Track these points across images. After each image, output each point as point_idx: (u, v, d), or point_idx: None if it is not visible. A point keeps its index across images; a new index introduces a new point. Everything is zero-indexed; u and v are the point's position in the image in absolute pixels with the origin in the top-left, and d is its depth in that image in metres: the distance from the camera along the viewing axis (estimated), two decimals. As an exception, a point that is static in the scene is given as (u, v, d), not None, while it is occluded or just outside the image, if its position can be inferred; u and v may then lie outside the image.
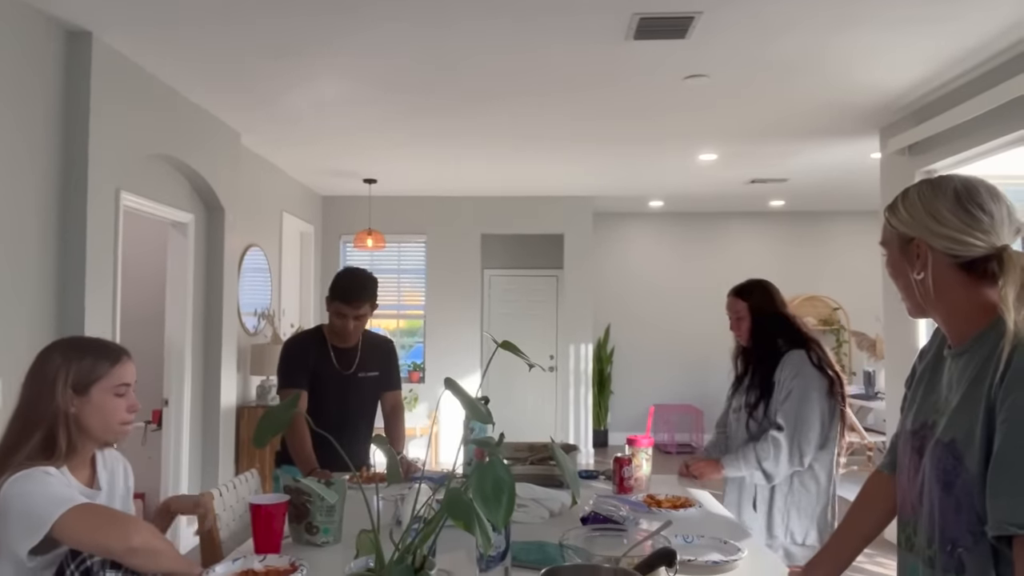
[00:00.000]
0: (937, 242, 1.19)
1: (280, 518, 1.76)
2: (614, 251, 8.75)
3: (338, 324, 2.75)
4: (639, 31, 3.37)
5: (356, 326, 2.76)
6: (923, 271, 1.21)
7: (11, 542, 1.39)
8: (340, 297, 2.71)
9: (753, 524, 2.43)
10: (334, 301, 2.73)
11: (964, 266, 1.18)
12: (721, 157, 5.92)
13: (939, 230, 1.18)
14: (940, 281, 1.20)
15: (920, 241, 1.21)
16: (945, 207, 1.19)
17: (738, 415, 2.58)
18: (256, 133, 5.24)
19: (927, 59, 3.77)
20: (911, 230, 1.23)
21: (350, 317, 2.72)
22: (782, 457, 2.36)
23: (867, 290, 7.03)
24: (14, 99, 3.04)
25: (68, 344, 1.62)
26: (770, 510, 2.45)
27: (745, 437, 2.50)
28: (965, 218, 1.17)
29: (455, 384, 1.25)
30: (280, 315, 6.37)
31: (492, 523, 1.11)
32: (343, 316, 2.72)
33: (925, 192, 1.23)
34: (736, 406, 2.62)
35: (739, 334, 2.65)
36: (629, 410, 8.54)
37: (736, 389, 2.67)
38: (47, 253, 3.27)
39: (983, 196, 1.18)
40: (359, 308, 2.72)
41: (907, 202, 1.25)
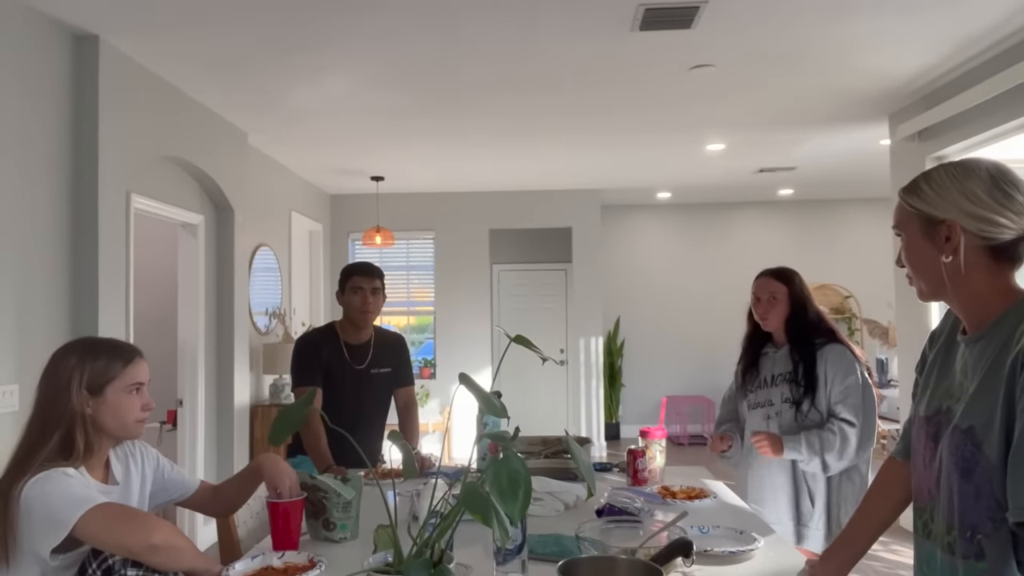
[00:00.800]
0: (971, 223, 1.16)
1: (297, 515, 1.78)
2: (622, 243, 8.74)
3: (356, 300, 2.81)
4: (644, 22, 3.36)
5: (373, 303, 2.83)
6: (953, 254, 1.18)
7: (34, 543, 1.41)
8: (356, 271, 2.85)
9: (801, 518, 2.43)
10: (350, 277, 2.84)
11: (992, 249, 1.16)
12: (728, 147, 5.90)
13: (974, 211, 1.16)
14: (968, 264, 1.18)
15: (953, 223, 1.18)
16: (981, 188, 1.16)
17: (768, 409, 2.50)
18: (263, 133, 5.26)
19: (935, 44, 3.74)
20: (940, 211, 1.19)
21: (367, 290, 2.82)
22: (849, 451, 2.34)
23: (879, 277, 7.00)
24: (25, 104, 3.07)
25: (81, 345, 1.64)
26: (828, 503, 2.43)
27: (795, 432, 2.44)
28: (1001, 198, 1.15)
29: (470, 379, 1.26)
30: (291, 314, 6.40)
31: (509, 516, 1.11)
32: (360, 289, 2.81)
33: (957, 173, 1.20)
34: (762, 400, 2.53)
35: (764, 317, 2.54)
36: (640, 402, 8.54)
37: (751, 381, 2.59)
38: (60, 257, 3.29)
39: (1016, 177, 1.16)
40: (374, 280, 2.84)
41: (934, 183, 1.22)
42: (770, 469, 2.49)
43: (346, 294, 2.84)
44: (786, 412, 2.46)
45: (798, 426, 2.42)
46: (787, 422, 2.45)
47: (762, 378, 2.57)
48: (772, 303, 2.53)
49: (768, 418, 2.50)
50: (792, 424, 2.44)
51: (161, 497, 1.81)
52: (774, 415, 2.49)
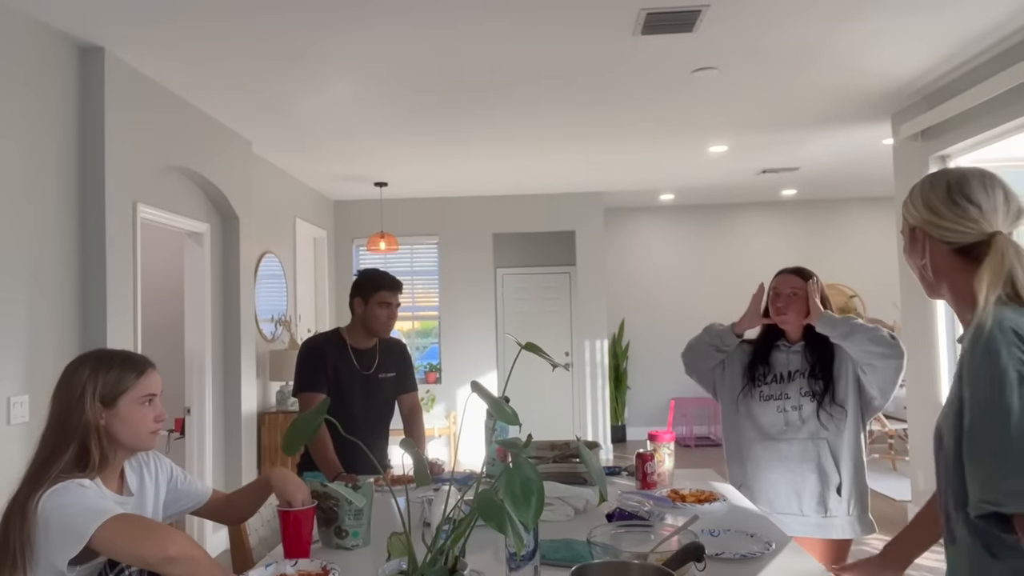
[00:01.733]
0: (932, 230, 1.31)
1: (309, 523, 1.78)
2: (626, 246, 8.75)
3: (383, 315, 2.82)
4: (646, 26, 3.37)
5: (396, 317, 2.87)
6: (924, 257, 1.34)
7: (51, 554, 1.42)
8: (387, 286, 2.83)
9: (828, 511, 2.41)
10: (378, 292, 2.81)
11: (960, 252, 1.29)
12: (731, 148, 5.90)
13: (933, 220, 1.31)
14: (939, 266, 1.32)
15: (919, 230, 1.34)
16: (937, 199, 1.31)
17: (783, 403, 2.47)
18: (267, 141, 5.28)
19: (937, 43, 3.74)
20: (913, 220, 1.36)
21: (394, 305, 2.84)
22: (883, 336, 2.32)
23: (883, 277, 7.00)
24: (32, 115, 3.09)
25: (94, 358, 1.64)
26: (853, 486, 2.42)
27: (816, 426, 2.43)
28: (954, 209, 1.29)
29: (482, 387, 1.26)
30: (296, 320, 6.41)
31: (523, 523, 1.12)
32: (388, 305, 2.82)
33: (925, 185, 1.35)
34: (776, 394, 2.49)
35: (784, 312, 2.47)
36: (646, 404, 8.54)
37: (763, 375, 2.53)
38: (68, 267, 3.31)
39: (972, 186, 1.28)
40: (399, 294, 2.86)
41: (912, 195, 1.37)
42: (791, 471, 2.45)
43: (370, 306, 2.81)
44: (807, 405, 2.45)
45: (820, 420, 2.43)
46: (809, 415, 2.44)
47: (776, 373, 2.53)
48: (792, 300, 2.49)
49: (783, 411, 2.48)
50: (814, 416, 2.44)
51: (175, 507, 1.82)
52: (790, 408, 2.47)
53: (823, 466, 2.42)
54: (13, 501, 1.48)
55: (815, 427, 2.44)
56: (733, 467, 2.61)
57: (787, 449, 2.45)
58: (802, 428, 2.44)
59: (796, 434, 2.45)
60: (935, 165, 4.58)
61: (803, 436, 2.44)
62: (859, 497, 2.43)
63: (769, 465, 2.49)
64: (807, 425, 2.44)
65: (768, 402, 2.52)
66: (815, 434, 2.43)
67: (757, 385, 2.55)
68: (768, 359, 2.56)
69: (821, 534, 2.41)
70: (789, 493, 2.45)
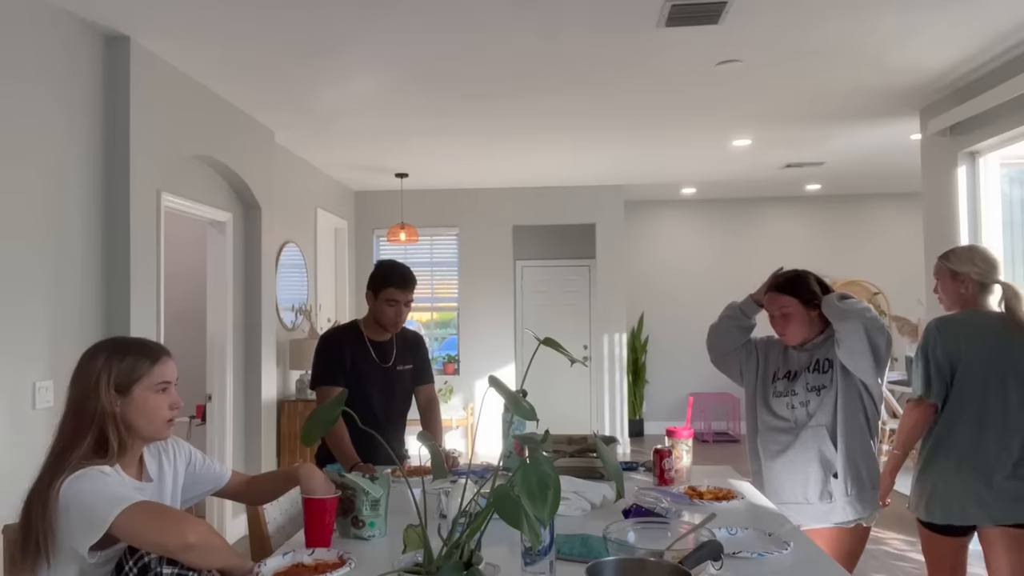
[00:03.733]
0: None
1: (332, 512, 1.79)
2: (646, 239, 8.70)
3: (390, 312, 2.79)
4: (671, 18, 3.34)
5: (405, 313, 2.83)
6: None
7: (72, 540, 1.44)
8: (395, 284, 2.78)
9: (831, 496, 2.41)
10: (386, 288, 2.78)
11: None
12: (755, 142, 5.84)
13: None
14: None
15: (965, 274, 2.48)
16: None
17: (792, 399, 2.50)
18: (289, 131, 5.31)
19: (968, 37, 3.67)
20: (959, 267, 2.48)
21: (402, 303, 2.79)
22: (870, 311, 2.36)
23: (908, 273, 6.90)
24: (57, 105, 3.12)
25: (109, 345, 1.65)
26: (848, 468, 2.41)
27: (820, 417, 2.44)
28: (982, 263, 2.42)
29: (499, 382, 1.26)
30: (317, 310, 6.46)
31: (539, 519, 1.12)
32: (395, 303, 2.78)
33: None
34: (785, 391, 2.53)
35: (782, 334, 2.53)
36: (664, 399, 8.50)
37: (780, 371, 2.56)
38: (93, 254, 3.36)
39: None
40: (411, 293, 2.82)
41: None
42: (795, 462, 2.47)
43: (379, 300, 2.80)
44: (813, 400, 2.45)
45: (825, 407, 2.42)
46: (815, 408, 2.44)
47: (787, 371, 2.55)
48: (786, 320, 2.50)
49: (791, 407, 2.50)
50: (827, 408, 2.42)
51: (194, 490, 1.83)
52: (798, 404, 2.48)
53: (824, 453, 2.42)
54: (35, 488, 1.50)
55: (819, 418, 2.45)
56: (751, 455, 2.64)
57: (794, 441, 2.46)
58: (808, 421, 2.46)
59: (802, 427, 2.47)
60: (964, 161, 4.50)
61: (809, 427, 2.45)
62: (855, 477, 2.41)
63: (776, 457, 2.51)
64: (814, 418, 2.46)
65: (780, 398, 2.55)
66: (818, 423, 2.44)
67: (773, 381, 2.58)
68: (785, 357, 2.58)
69: (825, 521, 2.41)
70: (794, 483, 2.46)
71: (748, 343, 2.70)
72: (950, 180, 4.59)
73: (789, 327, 2.50)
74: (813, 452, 2.44)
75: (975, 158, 4.48)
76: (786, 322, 2.50)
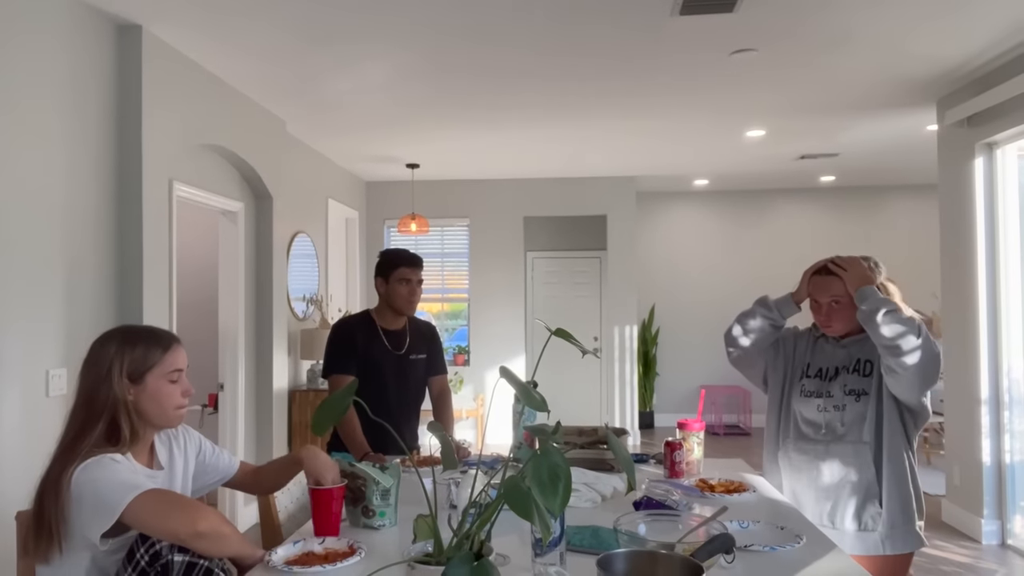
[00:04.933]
0: None
1: (340, 502, 1.79)
2: (658, 231, 8.66)
3: (404, 292, 2.83)
4: (685, 6, 3.30)
5: (419, 292, 2.88)
6: None
7: (84, 527, 1.45)
8: (404, 263, 2.84)
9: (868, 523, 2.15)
10: (397, 268, 2.83)
11: None
12: (769, 133, 5.78)
13: None
14: None
15: None
16: None
17: (825, 401, 2.22)
18: (301, 121, 5.30)
19: (987, 27, 3.61)
20: None
21: (415, 281, 2.85)
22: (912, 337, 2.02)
23: (924, 267, 6.82)
24: (70, 94, 3.13)
25: (120, 334, 1.65)
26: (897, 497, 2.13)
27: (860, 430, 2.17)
28: None
29: (510, 373, 1.25)
30: (328, 300, 6.47)
31: (549, 510, 1.11)
32: (408, 281, 2.83)
33: None
34: (818, 390, 2.25)
35: (827, 325, 2.22)
36: (675, 391, 8.48)
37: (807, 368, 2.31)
38: (105, 243, 3.37)
39: None
40: (419, 271, 2.87)
41: None
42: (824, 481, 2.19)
43: (391, 283, 2.83)
44: (852, 406, 2.18)
45: (866, 420, 2.16)
46: (853, 417, 2.18)
47: (820, 368, 2.28)
48: (835, 310, 2.20)
49: (823, 410, 2.22)
50: (859, 417, 2.17)
51: (202, 480, 1.84)
52: (831, 408, 2.21)
53: (863, 476, 2.15)
54: (47, 476, 1.51)
55: (858, 431, 2.17)
56: (769, 465, 2.39)
57: (824, 453, 2.20)
58: (844, 431, 2.18)
59: (836, 438, 2.19)
60: (982, 153, 4.44)
61: (845, 440, 2.18)
62: (903, 507, 2.14)
63: (801, 469, 2.26)
64: (850, 429, 2.18)
65: (809, 399, 2.27)
66: (858, 439, 2.17)
67: (800, 379, 2.32)
68: (812, 350, 2.33)
69: (859, 550, 2.13)
70: (823, 503, 2.19)
71: (777, 341, 2.41)
72: (967, 172, 4.53)
73: (836, 318, 2.21)
74: (849, 472, 2.16)
75: (992, 149, 4.42)
76: (834, 313, 2.20)
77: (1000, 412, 4.34)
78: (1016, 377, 4.34)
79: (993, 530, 4.36)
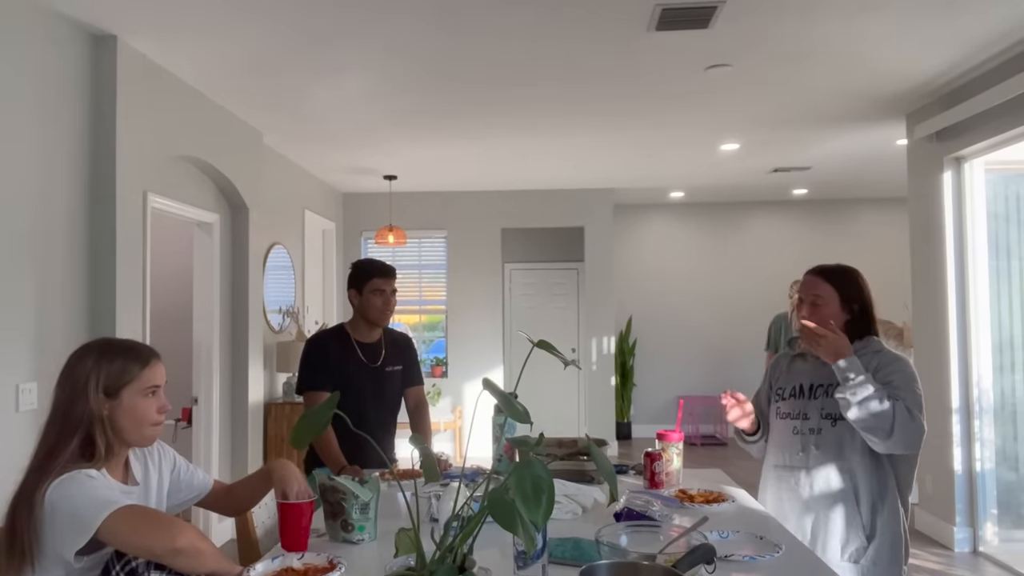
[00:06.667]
0: None
1: (309, 516, 1.77)
2: (635, 243, 8.72)
3: (379, 302, 2.81)
4: (661, 22, 3.34)
5: (393, 303, 2.85)
6: None
7: (59, 545, 1.42)
8: (377, 273, 2.82)
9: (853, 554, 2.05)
10: (370, 280, 2.80)
11: None
12: (743, 146, 5.87)
13: None
14: None
15: None
16: None
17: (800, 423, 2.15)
18: (277, 132, 5.28)
19: (955, 43, 3.70)
20: None
21: (388, 291, 2.82)
22: (897, 424, 1.95)
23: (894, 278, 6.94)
24: (43, 104, 3.09)
25: (98, 347, 1.62)
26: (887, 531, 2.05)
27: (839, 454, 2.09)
28: None
29: (493, 385, 1.25)
30: (304, 312, 6.42)
31: (533, 523, 1.11)
32: (382, 292, 2.81)
33: None
34: (793, 411, 2.19)
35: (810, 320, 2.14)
36: (652, 402, 8.52)
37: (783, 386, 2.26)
38: (78, 255, 3.32)
39: None
40: (392, 281, 2.85)
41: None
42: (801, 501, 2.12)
43: (364, 295, 2.81)
44: (828, 430, 2.09)
45: (841, 448, 2.07)
46: (829, 441, 2.08)
47: (797, 385, 2.21)
48: (814, 309, 2.14)
49: (799, 433, 2.14)
50: (836, 445, 2.07)
51: (177, 497, 1.81)
52: (808, 431, 2.12)
53: (845, 504, 2.06)
54: (19, 492, 1.48)
55: (837, 455, 2.07)
56: (760, 495, 2.31)
57: (804, 480, 2.12)
58: (821, 456, 2.09)
59: (814, 463, 2.10)
60: (950, 167, 4.54)
61: (823, 465, 2.09)
62: (892, 543, 2.04)
63: (781, 497, 2.19)
64: (827, 453, 2.09)
65: (785, 420, 2.20)
66: (839, 465, 2.07)
67: (774, 399, 2.28)
68: (791, 365, 2.27)
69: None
70: (802, 533, 2.08)
71: (766, 373, 2.40)
72: (936, 185, 4.63)
73: (813, 318, 2.12)
74: (830, 499, 2.07)
75: (960, 163, 4.52)
76: (813, 312, 2.14)
77: (971, 421, 4.42)
78: (985, 387, 4.42)
79: (965, 538, 4.43)
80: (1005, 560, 4.18)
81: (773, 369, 2.40)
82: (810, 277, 2.23)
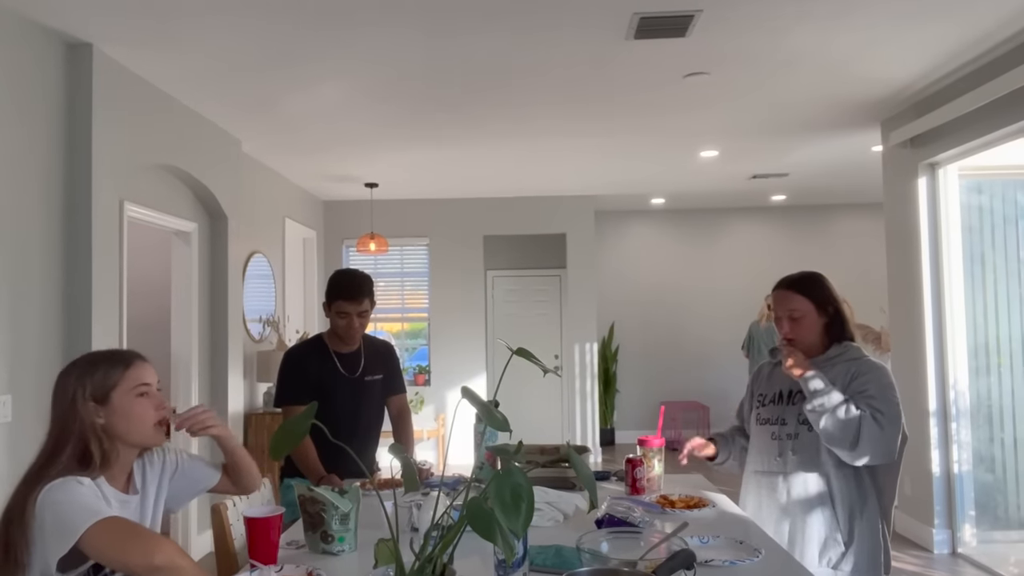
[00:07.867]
0: None
1: (277, 530, 1.76)
2: (617, 249, 8.76)
3: (342, 324, 2.72)
4: (639, 30, 3.37)
5: (360, 324, 2.74)
6: None
7: (44, 550, 1.41)
8: (341, 295, 2.70)
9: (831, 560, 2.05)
10: (335, 301, 2.71)
11: None
12: (722, 153, 5.92)
13: None
14: None
15: None
16: None
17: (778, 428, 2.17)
18: (257, 140, 5.24)
19: (928, 51, 3.76)
20: None
21: (353, 315, 2.70)
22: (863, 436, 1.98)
23: (871, 282, 7.03)
24: (17, 112, 3.05)
25: (81, 361, 1.64)
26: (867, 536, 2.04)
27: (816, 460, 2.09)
28: None
29: (472, 393, 1.25)
30: (285, 321, 6.37)
31: (512, 531, 1.11)
32: (346, 315, 2.70)
33: None
34: (772, 417, 2.20)
35: (792, 340, 2.15)
36: (635, 408, 8.54)
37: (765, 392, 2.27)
38: (53, 265, 3.27)
39: None
40: (361, 304, 2.70)
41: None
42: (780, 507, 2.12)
43: (331, 314, 2.74)
44: (805, 435, 2.09)
45: (818, 453, 2.07)
46: (806, 446, 2.09)
47: (777, 392, 2.22)
48: (796, 324, 2.14)
49: (777, 438, 2.16)
50: (813, 450, 2.08)
51: (189, 492, 1.82)
52: (785, 436, 2.13)
53: (823, 509, 2.06)
54: (12, 501, 1.48)
55: (814, 461, 2.08)
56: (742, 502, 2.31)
57: (782, 485, 2.13)
58: (798, 461, 2.10)
59: (791, 468, 2.11)
60: (924, 172, 4.60)
61: (801, 471, 2.10)
62: (871, 550, 2.04)
63: (760, 502, 2.20)
64: (804, 458, 2.09)
65: (764, 426, 2.22)
66: (816, 471, 2.08)
67: (755, 405, 2.29)
68: (772, 372, 2.28)
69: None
70: (781, 538, 2.08)
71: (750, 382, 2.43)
72: (911, 190, 4.69)
73: (795, 331, 2.14)
74: (807, 504, 2.08)
75: (935, 169, 4.59)
76: (795, 328, 2.14)
77: (948, 423, 4.47)
78: (962, 389, 4.48)
79: (944, 539, 4.47)
80: (983, 561, 4.23)
81: (755, 377, 2.42)
82: (780, 292, 2.21)
